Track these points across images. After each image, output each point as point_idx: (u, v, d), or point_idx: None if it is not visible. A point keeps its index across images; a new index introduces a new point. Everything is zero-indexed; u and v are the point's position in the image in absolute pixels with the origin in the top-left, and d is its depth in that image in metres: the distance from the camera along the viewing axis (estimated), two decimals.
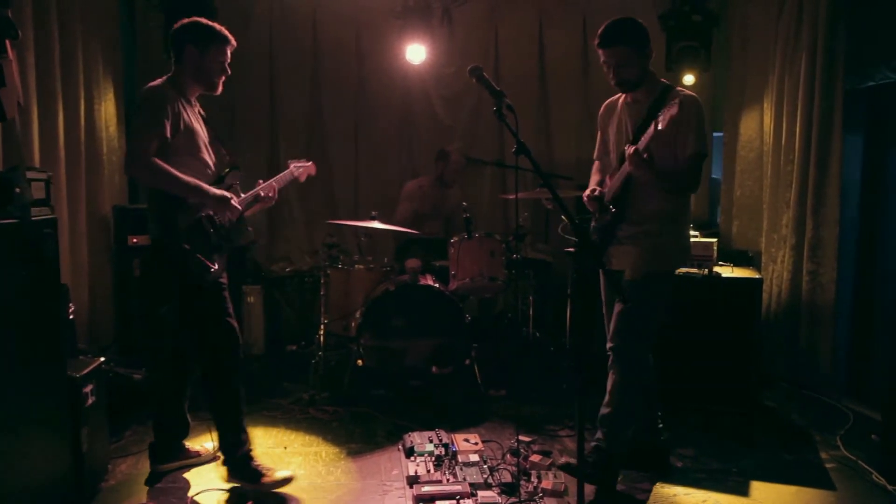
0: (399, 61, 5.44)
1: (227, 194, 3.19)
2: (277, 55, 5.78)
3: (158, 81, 3.15)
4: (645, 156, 3.03)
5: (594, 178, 3.55)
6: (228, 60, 3.26)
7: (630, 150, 3.08)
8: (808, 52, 4.59)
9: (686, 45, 5.10)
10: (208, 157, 3.27)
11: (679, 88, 3.18)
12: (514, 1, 5.93)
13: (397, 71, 5.68)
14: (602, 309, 3.50)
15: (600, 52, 3.19)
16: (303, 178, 3.74)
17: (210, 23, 3.20)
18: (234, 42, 3.26)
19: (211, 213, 3.17)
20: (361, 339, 4.42)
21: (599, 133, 3.54)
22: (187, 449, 3.56)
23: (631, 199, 3.24)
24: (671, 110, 2.90)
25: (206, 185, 3.12)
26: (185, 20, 3.20)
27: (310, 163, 3.77)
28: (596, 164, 3.59)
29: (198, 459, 3.56)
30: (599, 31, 3.16)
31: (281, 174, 3.59)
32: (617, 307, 3.26)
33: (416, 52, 5.24)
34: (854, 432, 4.00)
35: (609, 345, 3.28)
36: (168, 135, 3.02)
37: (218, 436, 3.31)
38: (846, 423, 4.12)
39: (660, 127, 2.97)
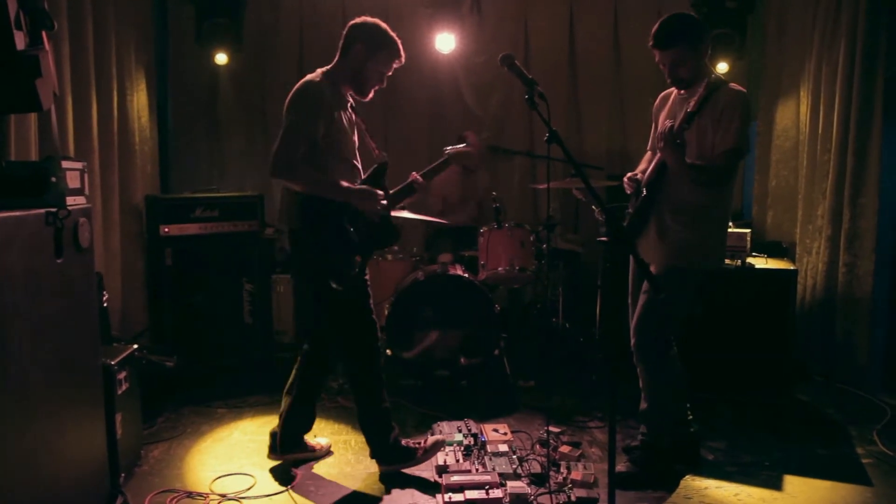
0: (428, 51, 5.42)
1: (368, 188, 3.12)
2: (307, 46, 5.77)
3: (315, 75, 3.12)
4: (678, 140, 2.99)
5: (641, 166, 3.50)
6: (389, 73, 3.25)
7: (665, 126, 3.03)
8: (847, 38, 4.48)
9: (720, 32, 5.00)
10: (357, 159, 3.26)
11: (732, 85, 3.12)
12: None
13: (426, 61, 5.65)
14: (628, 299, 3.46)
15: (655, 52, 3.14)
16: (460, 166, 3.55)
17: (388, 30, 3.19)
18: (403, 58, 3.24)
19: (356, 211, 3.11)
20: (391, 330, 4.43)
21: (653, 124, 3.49)
22: (306, 442, 3.55)
23: (665, 186, 3.19)
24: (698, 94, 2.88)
25: (347, 183, 3.07)
26: (367, 19, 3.20)
27: (465, 147, 3.58)
28: (647, 155, 3.54)
29: (313, 454, 3.54)
30: (654, 30, 3.11)
31: (433, 164, 3.49)
32: (641, 300, 3.23)
33: (445, 42, 5.22)
34: (892, 427, 3.92)
35: (632, 341, 3.26)
36: (319, 136, 3.00)
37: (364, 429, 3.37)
38: (883, 418, 4.04)
39: (689, 109, 2.94)
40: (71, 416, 2.62)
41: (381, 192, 3.16)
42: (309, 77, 3.11)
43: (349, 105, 3.27)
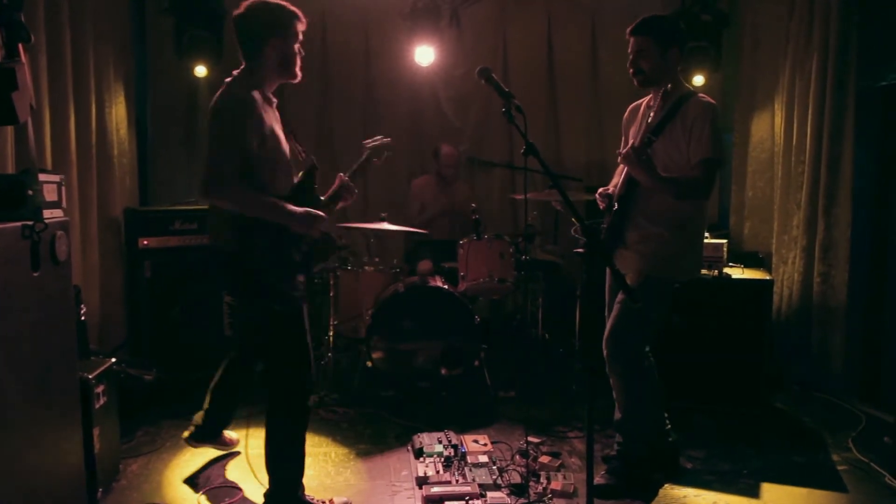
0: (407, 63, 5.45)
1: (313, 211, 2.88)
2: None
3: (235, 84, 2.81)
4: (644, 157, 3.03)
5: (614, 180, 3.52)
6: (302, 39, 2.92)
7: (624, 150, 3.09)
8: (819, 52, 4.57)
9: (695, 45, 5.08)
10: (289, 161, 2.96)
11: (701, 95, 3.16)
12: (523, 2, 5.93)
13: (405, 73, 5.68)
14: (605, 312, 3.49)
15: (629, 40, 3.20)
16: (381, 160, 3.38)
17: (278, 2, 2.83)
18: (304, 18, 2.89)
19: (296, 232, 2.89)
20: (371, 341, 4.43)
21: (623, 136, 3.52)
22: (222, 435, 3.64)
23: (637, 199, 3.21)
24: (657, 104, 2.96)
25: (290, 206, 2.81)
26: (252, 6, 2.80)
27: (384, 139, 3.40)
28: (620, 167, 3.56)
29: (227, 448, 3.67)
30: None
31: (357, 163, 3.30)
32: (614, 310, 3.25)
33: (424, 54, 5.24)
34: (866, 434, 3.98)
35: (605, 352, 3.29)
36: (254, 149, 2.73)
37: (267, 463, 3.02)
38: (858, 426, 4.10)
39: (648, 121, 3.00)
40: (48, 430, 2.59)
41: (323, 215, 2.92)
42: (229, 88, 2.81)
43: (275, 105, 2.98)
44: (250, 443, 3.77)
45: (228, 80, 2.87)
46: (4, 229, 2.33)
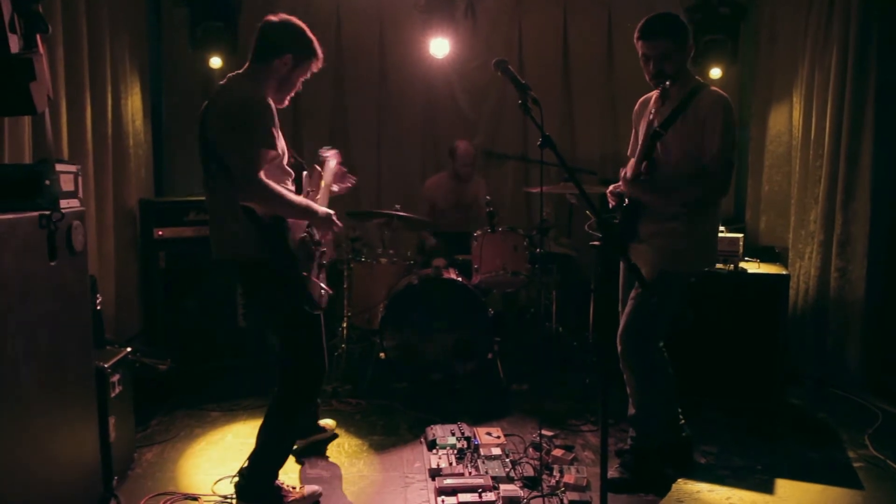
0: (422, 55, 5.43)
1: (330, 212, 2.92)
2: None
3: (250, 84, 2.79)
4: (642, 177, 3.05)
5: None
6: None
7: (622, 173, 3.12)
8: (839, 44, 4.52)
9: (713, 38, 5.04)
10: (287, 162, 2.95)
11: (713, 88, 3.13)
12: None
13: (420, 65, 5.67)
14: (619, 307, 3.47)
15: (640, 44, 3.12)
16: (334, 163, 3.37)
17: (308, 31, 2.90)
18: (322, 61, 2.97)
19: (314, 232, 2.92)
20: (384, 333, 4.43)
21: (633, 130, 3.49)
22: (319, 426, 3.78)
23: None
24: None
25: (314, 205, 2.87)
26: (291, 21, 2.88)
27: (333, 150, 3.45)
28: (631, 161, 3.53)
29: (323, 435, 3.77)
30: (640, 24, 3.12)
31: (327, 168, 3.30)
32: (628, 306, 3.24)
33: (439, 46, 5.23)
34: (883, 431, 3.94)
35: (619, 347, 3.27)
36: (278, 150, 2.73)
37: (253, 455, 3.00)
38: (875, 422, 4.06)
39: (655, 125, 3.02)
40: (64, 419, 2.62)
41: (335, 217, 2.97)
42: (245, 86, 2.78)
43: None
44: None
45: (233, 77, 2.86)
46: (22, 219, 2.34)
